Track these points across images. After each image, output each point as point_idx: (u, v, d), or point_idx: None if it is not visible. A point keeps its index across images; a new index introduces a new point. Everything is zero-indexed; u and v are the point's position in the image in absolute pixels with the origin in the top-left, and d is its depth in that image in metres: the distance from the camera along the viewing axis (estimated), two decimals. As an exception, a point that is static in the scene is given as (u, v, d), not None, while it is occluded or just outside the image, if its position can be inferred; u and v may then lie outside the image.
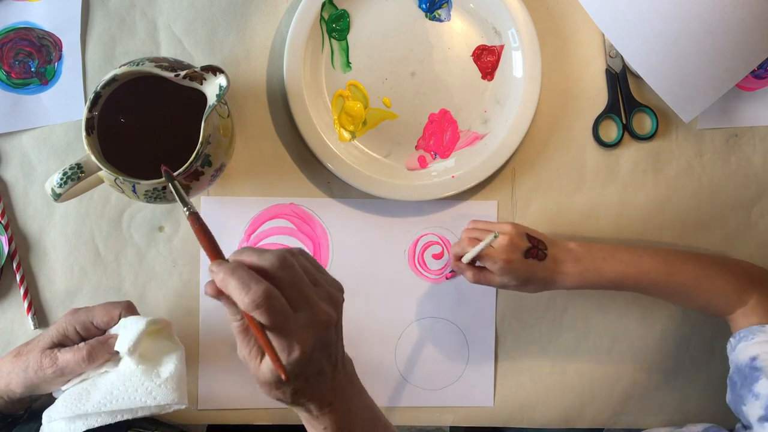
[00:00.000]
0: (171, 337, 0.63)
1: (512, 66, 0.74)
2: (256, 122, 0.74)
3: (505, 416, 0.78)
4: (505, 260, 0.65)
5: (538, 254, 0.66)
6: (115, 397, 0.58)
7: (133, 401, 0.58)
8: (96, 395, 0.58)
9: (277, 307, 0.44)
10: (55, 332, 0.61)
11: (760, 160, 0.77)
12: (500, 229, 0.67)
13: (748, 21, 0.67)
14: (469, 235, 0.69)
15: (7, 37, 0.71)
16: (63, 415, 0.58)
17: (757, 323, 0.65)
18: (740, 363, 0.64)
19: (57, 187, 0.59)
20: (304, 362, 0.46)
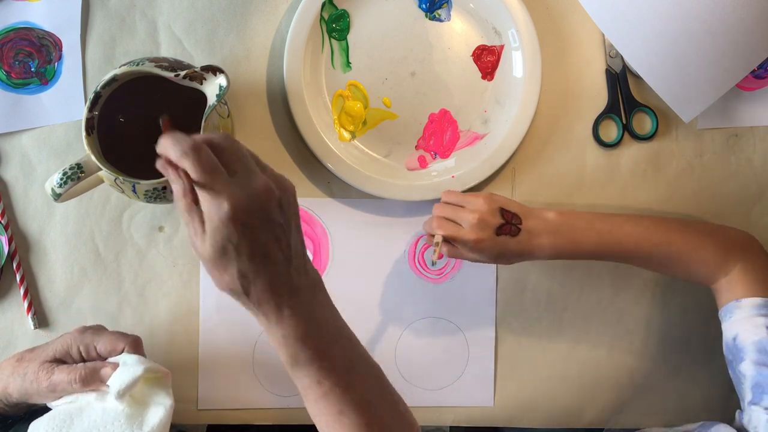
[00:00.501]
0: (166, 388, 0.61)
1: (512, 66, 0.74)
2: (256, 122, 0.74)
3: (505, 416, 0.78)
4: (474, 240, 0.64)
5: (510, 230, 0.65)
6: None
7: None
8: (77, 427, 0.57)
9: (205, 159, 0.44)
10: (59, 347, 0.60)
11: (760, 160, 0.77)
12: (470, 205, 0.65)
13: (748, 21, 0.67)
14: (440, 214, 0.67)
15: (7, 37, 0.71)
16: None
17: (741, 295, 0.64)
18: (727, 342, 0.64)
19: (57, 187, 0.59)
20: (239, 226, 0.44)
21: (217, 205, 0.44)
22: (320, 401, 0.50)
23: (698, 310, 0.78)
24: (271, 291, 0.47)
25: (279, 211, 0.47)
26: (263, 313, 0.48)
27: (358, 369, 0.52)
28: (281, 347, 0.49)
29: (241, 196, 0.45)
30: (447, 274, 0.76)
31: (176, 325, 0.74)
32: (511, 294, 0.77)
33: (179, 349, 0.74)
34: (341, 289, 0.75)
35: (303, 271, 0.49)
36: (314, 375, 0.49)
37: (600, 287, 0.77)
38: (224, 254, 0.45)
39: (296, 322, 0.48)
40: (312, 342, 0.49)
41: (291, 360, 0.49)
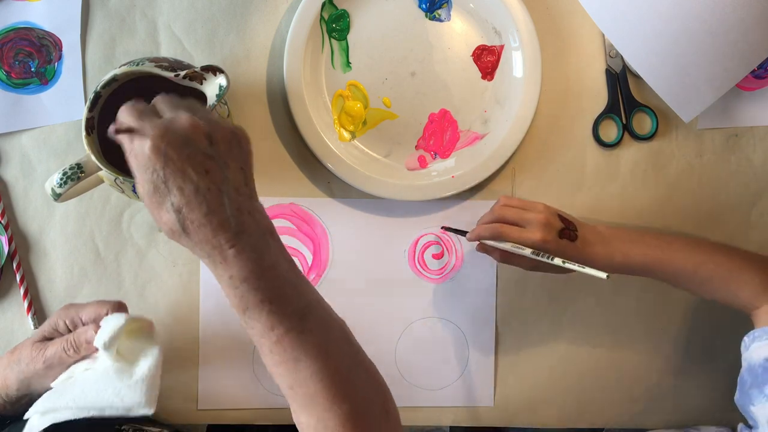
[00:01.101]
0: (150, 337, 0.62)
1: (512, 66, 0.74)
2: (256, 122, 0.74)
3: (505, 416, 0.78)
4: (541, 240, 0.64)
5: (570, 235, 0.65)
6: (85, 394, 0.58)
7: (101, 400, 0.57)
8: (70, 392, 0.58)
9: (136, 107, 0.49)
10: (47, 326, 0.62)
11: (760, 160, 0.77)
12: (533, 208, 0.66)
13: (748, 21, 0.67)
14: (499, 218, 0.67)
15: (7, 37, 0.71)
16: (38, 409, 0.58)
17: None
18: (753, 362, 0.62)
19: (57, 187, 0.59)
20: (161, 156, 0.46)
21: (141, 141, 0.46)
22: (275, 349, 0.49)
23: (699, 311, 0.78)
24: (209, 226, 0.46)
25: (207, 143, 0.47)
26: (206, 253, 0.47)
27: (315, 313, 0.50)
28: (229, 290, 0.48)
29: (161, 128, 0.46)
30: (447, 274, 0.76)
31: (176, 325, 0.74)
32: (511, 294, 0.77)
33: (179, 349, 0.74)
34: (341, 288, 0.75)
35: (247, 212, 0.48)
36: (265, 320, 0.48)
37: (600, 288, 0.77)
38: (156, 190, 0.46)
39: (242, 262, 0.47)
40: (261, 283, 0.48)
41: (241, 304, 0.48)
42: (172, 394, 0.75)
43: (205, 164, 0.47)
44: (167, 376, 0.74)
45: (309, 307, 0.50)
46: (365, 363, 0.53)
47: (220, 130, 0.48)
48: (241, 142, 0.49)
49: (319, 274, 0.75)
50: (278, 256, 0.50)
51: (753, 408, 0.61)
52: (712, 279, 0.67)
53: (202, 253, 0.48)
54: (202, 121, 0.48)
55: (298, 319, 0.49)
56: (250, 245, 0.48)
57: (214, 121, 0.49)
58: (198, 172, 0.46)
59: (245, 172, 0.49)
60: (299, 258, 0.75)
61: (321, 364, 0.49)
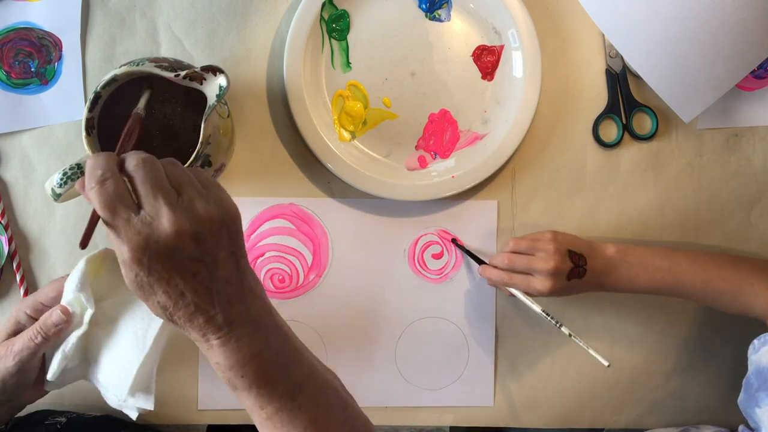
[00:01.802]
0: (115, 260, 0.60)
1: (512, 66, 0.73)
2: (256, 122, 0.74)
3: (505, 416, 0.78)
4: (550, 289, 0.66)
5: (579, 272, 0.67)
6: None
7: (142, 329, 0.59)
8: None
9: (105, 196, 0.43)
10: (8, 324, 0.60)
11: (760, 160, 0.77)
12: (543, 252, 0.67)
13: (748, 21, 0.67)
14: (509, 266, 0.68)
15: (7, 37, 0.71)
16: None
17: None
18: (762, 365, 0.62)
19: (57, 187, 0.59)
20: (143, 267, 0.43)
21: (119, 248, 0.43)
22: (266, 424, 0.49)
23: (699, 311, 0.78)
24: (195, 322, 0.45)
25: (195, 247, 0.44)
26: (194, 339, 0.47)
27: (306, 389, 0.49)
28: (217, 372, 0.48)
29: (140, 239, 0.43)
30: (447, 274, 0.76)
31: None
32: (511, 294, 0.77)
33: (179, 349, 0.74)
34: (341, 289, 0.75)
35: (238, 301, 0.46)
36: (254, 400, 0.48)
37: (600, 287, 0.77)
38: (140, 288, 0.44)
39: (228, 352, 0.46)
40: (247, 371, 0.47)
41: (229, 385, 0.48)
42: (172, 394, 0.75)
43: (192, 269, 0.44)
44: (167, 376, 0.74)
45: (300, 385, 0.49)
46: (363, 426, 0.53)
47: (207, 226, 0.44)
48: (229, 225, 0.46)
49: (319, 274, 0.75)
50: (269, 340, 0.48)
51: (758, 410, 0.61)
52: (723, 294, 0.67)
53: (191, 338, 0.47)
54: (187, 218, 0.44)
55: (289, 398, 0.48)
56: (237, 335, 0.46)
57: (199, 214, 0.44)
58: (185, 277, 0.44)
59: (235, 255, 0.46)
60: (299, 258, 0.75)
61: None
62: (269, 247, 0.75)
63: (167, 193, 0.44)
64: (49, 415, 0.68)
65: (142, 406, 0.59)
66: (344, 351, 0.76)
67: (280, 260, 0.75)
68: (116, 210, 0.43)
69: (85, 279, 0.58)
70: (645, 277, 0.67)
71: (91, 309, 0.58)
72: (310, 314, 0.75)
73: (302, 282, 0.75)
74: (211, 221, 0.45)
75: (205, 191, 0.46)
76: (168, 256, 0.43)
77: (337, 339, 0.76)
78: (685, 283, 0.68)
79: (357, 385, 0.76)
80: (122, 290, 0.60)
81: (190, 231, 0.44)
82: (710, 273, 0.68)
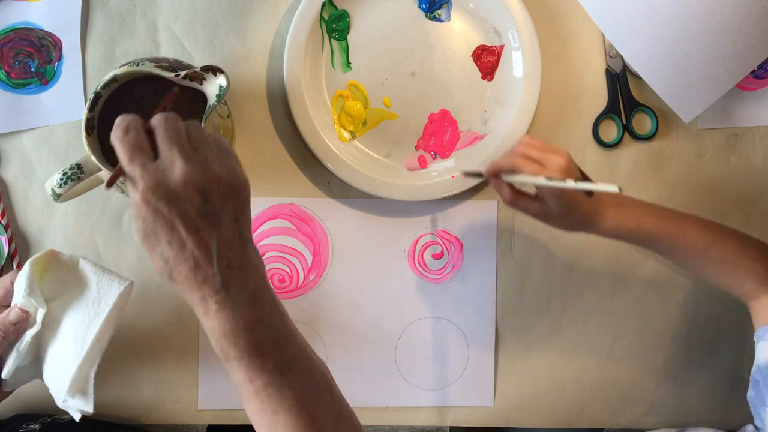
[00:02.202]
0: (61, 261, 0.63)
1: (512, 66, 0.73)
2: (256, 122, 0.74)
3: (505, 416, 0.78)
4: (567, 162, 0.61)
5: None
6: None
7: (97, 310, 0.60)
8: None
9: (127, 144, 0.46)
10: None
11: (760, 160, 0.77)
12: (557, 152, 0.62)
13: (748, 21, 0.67)
14: (524, 152, 0.63)
15: (7, 37, 0.71)
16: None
17: None
18: (761, 363, 0.62)
19: (57, 187, 0.59)
20: (150, 209, 0.45)
21: (133, 187, 0.46)
22: (253, 398, 0.49)
23: (699, 311, 0.78)
24: (194, 280, 0.46)
25: (201, 201, 0.46)
26: (191, 301, 0.48)
27: (296, 369, 0.50)
28: (211, 339, 0.49)
29: (152, 181, 0.45)
30: (447, 274, 0.76)
31: (176, 325, 0.74)
32: (511, 294, 0.77)
33: (179, 349, 0.74)
34: (341, 289, 0.75)
35: (237, 266, 0.47)
36: (244, 372, 0.48)
37: (600, 288, 0.77)
38: (146, 237, 0.46)
39: (224, 318, 0.47)
40: (240, 340, 0.47)
41: (221, 354, 0.48)
42: (172, 394, 0.75)
43: (196, 222, 0.46)
44: (167, 377, 0.74)
45: (291, 363, 0.49)
46: (347, 415, 0.53)
47: (215, 184, 0.46)
48: (237, 191, 0.48)
49: (319, 274, 0.75)
50: (264, 312, 0.49)
51: (767, 409, 0.60)
52: (721, 262, 0.66)
53: (188, 299, 0.48)
54: (198, 173, 0.46)
55: (279, 374, 0.48)
56: (233, 302, 0.47)
57: (211, 171, 0.46)
58: (188, 228, 0.45)
59: (240, 222, 0.48)
60: (299, 258, 0.75)
61: (299, 418, 0.49)
62: (269, 247, 0.75)
63: (183, 146, 0.46)
64: (24, 422, 0.68)
65: (82, 408, 0.60)
66: (344, 351, 0.76)
67: (280, 260, 0.75)
68: (134, 156, 0.46)
69: (32, 281, 0.59)
70: (651, 221, 0.65)
71: (43, 308, 0.59)
72: (310, 314, 0.75)
73: (302, 282, 0.75)
74: (219, 181, 0.46)
75: (220, 156, 0.48)
76: (174, 201, 0.45)
77: (337, 339, 0.76)
78: (689, 239, 0.65)
79: (357, 385, 0.76)
80: (67, 291, 0.61)
81: (199, 184, 0.46)
82: (714, 236, 0.66)
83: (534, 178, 0.60)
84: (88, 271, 0.61)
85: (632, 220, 0.65)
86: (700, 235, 0.66)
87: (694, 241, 0.66)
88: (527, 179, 0.60)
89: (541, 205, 0.63)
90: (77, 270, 0.62)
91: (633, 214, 0.65)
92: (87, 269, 0.62)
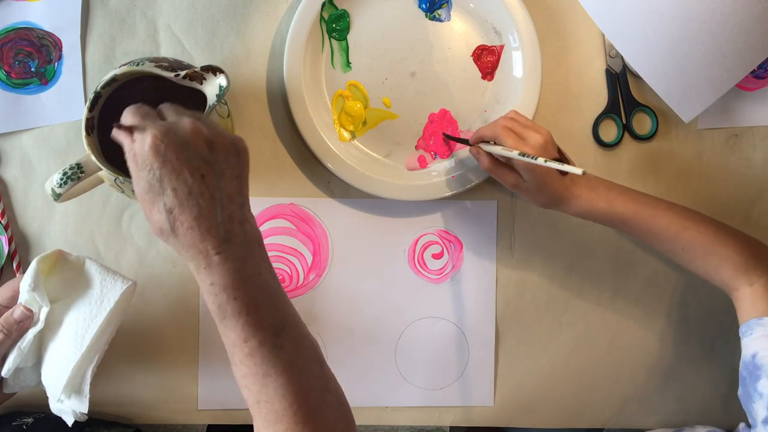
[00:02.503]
0: (68, 262, 0.63)
1: (512, 66, 0.74)
2: (256, 122, 0.74)
3: (505, 416, 0.78)
4: (545, 139, 0.64)
5: (565, 161, 0.65)
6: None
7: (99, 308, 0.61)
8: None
9: (140, 109, 0.50)
10: None
11: (760, 160, 0.77)
12: (538, 130, 0.65)
13: (748, 21, 0.67)
14: (508, 125, 0.66)
15: (7, 37, 0.71)
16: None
17: (764, 312, 0.63)
18: (745, 359, 0.62)
19: (57, 187, 0.59)
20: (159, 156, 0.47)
21: (142, 139, 0.47)
22: (246, 360, 0.49)
23: (698, 311, 0.78)
24: (198, 230, 0.47)
25: (207, 150, 0.48)
26: (192, 256, 0.48)
27: (291, 332, 0.50)
28: (209, 296, 0.49)
29: (163, 128, 0.47)
30: (447, 274, 0.76)
31: (176, 325, 0.74)
32: (511, 294, 0.77)
33: (179, 349, 0.74)
34: (341, 289, 0.75)
35: (238, 221, 0.49)
36: (240, 330, 0.48)
37: (600, 288, 0.77)
38: (150, 188, 0.47)
39: (225, 270, 0.48)
40: (240, 294, 0.48)
41: (218, 311, 0.49)
42: (172, 394, 0.75)
43: (201, 169, 0.48)
44: (167, 376, 0.74)
45: (285, 324, 0.50)
46: (335, 388, 0.53)
47: (220, 139, 0.49)
48: (239, 152, 0.50)
49: (319, 274, 0.75)
50: (261, 267, 0.50)
51: (754, 405, 0.61)
52: (694, 247, 0.66)
53: (188, 255, 0.48)
54: (205, 127, 0.49)
55: (273, 333, 0.49)
56: (234, 254, 0.48)
57: (216, 129, 0.49)
58: (194, 175, 0.47)
59: (240, 181, 0.50)
60: (299, 258, 0.75)
61: (290, 381, 0.49)
62: (269, 247, 0.74)
63: (189, 115, 0.50)
64: (17, 416, 0.69)
65: (77, 408, 0.60)
66: (344, 351, 0.76)
67: (280, 260, 0.75)
68: (146, 115, 0.50)
69: (37, 278, 0.60)
70: (622, 202, 0.66)
71: (47, 307, 0.59)
72: (310, 314, 0.75)
73: (302, 282, 0.75)
74: (224, 138, 0.49)
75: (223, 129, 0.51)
76: (183, 148, 0.47)
77: (337, 339, 0.76)
78: (660, 222, 0.66)
79: (357, 385, 0.76)
80: (72, 292, 0.61)
81: (205, 135, 0.48)
82: (687, 221, 0.67)
83: (509, 151, 0.63)
84: (93, 270, 0.62)
85: (603, 201, 0.66)
86: (673, 220, 0.67)
87: (666, 225, 0.66)
88: (503, 151, 0.64)
89: (516, 177, 0.66)
90: (83, 270, 0.62)
91: (605, 195, 0.66)
92: (92, 269, 0.62)
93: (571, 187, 0.66)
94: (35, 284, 0.59)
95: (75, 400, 0.60)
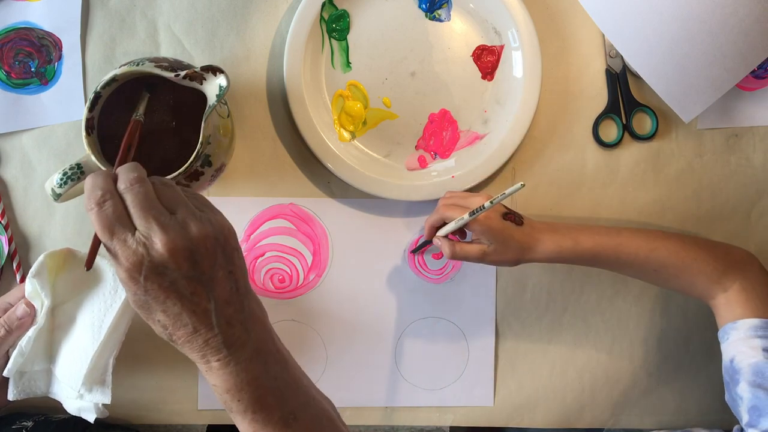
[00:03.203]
0: (77, 258, 0.63)
1: (512, 66, 0.74)
2: (256, 122, 0.74)
3: (505, 416, 0.78)
4: (483, 217, 0.64)
5: (514, 219, 0.66)
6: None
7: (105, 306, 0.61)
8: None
9: (103, 218, 0.44)
10: None
11: (760, 160, 0.77)
12: (477, 195, 0.67)
13: (748, 21, 0.67)
14: (449, 202, 0.67)
15: (7, 37, 0.71)
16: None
17: (739, 316, 0.63)
18: (725, 364, 0.63)
19: (57, 187, 0.59)
20: (139, 287, 0.44)
21: (117, 268, 0.44)
22: None
23: (698, 312, 0.78)
24: (195, 343, 0.46)
25: (190, 266, 0.44)
26: (193, 359, 0.47)
27: (302, 420, 0.49)
28: (214, 393, 0.48)
29: (135, 259, 0.43)
30: (447, 274, 0.76)
31: (176, 325, 0.74)
32: (511, 294, 0.77)
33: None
34: (341, 289, 0.75)
35: (239, 323, 0.47)
36: (248, 425, 0.48)
37: (600, 288, 0.77)
38: (141, 306, 0.45)
39: (226, 375, 0.47)
40: (244, 395, 0.47)
41: (225, 407, 0.48)
42: (172, 394, 0.75)
43: (188, 288, 0.45)
44: (167, 376, 0.74)
45: (296, 412, 0.49)
46: None
47: (201, 242, 0.45)
48: (224, 244, 0.47)
49: (319, 274, 0.75)
50: (267, 364, 0.49)
51: (739, 409, 0.61)
52: (665, 267, 0.66)
53: (190, 358, 0.48)
54: (180, 238, 0.44)
55: (283, 425, 0.48)
56: (236, 359, 0.47)
57: (193, 226, 0.45)
58: (181, 298, 0.45)
59: (234, 274, 0.47)
60: (299, 258, 0.75)
61: None
62: (269, 247, 0.75)
63: (159, 213, 0.45)
64: (17, 419, 0.69)
65: (99, 400, 0.60)
66: (344, 351, 0.76)
67: (280, 260, 0.75)
68: (114, 232, 0.44)
69: (42, 269, 0.60)
70: (588, 239, 0.66)
71: (47, 300, 0.59)
72: (310, 314, 0.75)
73: (302, 282, 0.75)
74: (205, 239, 0.45)
75: (198, 212, 0.47)
76: (162, 275, 0.44)
77: (337, 339, 0.76)
78: (628, 250, 0.66)
79: (357, 385, 0.76)
80: (82, 290, 0.61)
81: (184, 250, 0.44)
82: (654, 242, 0.66)
83: (461, 219, 0.64)
84: (104, 265, 0.62)
85: (569, 240, 0.66)
86: (640, 245, 0.66)
87: (635, 251, 0.66)
88: (456, 224, 0.65)
89: (480, 247, 0.66)
90: (93, 267, 0.62)
91: (568, 234, 0.66)
92: (103, 264, 0.62)
93: (532, 233, 0.66)
94: (38, 272, 0.60)
95: (97, 392, 0.60)
